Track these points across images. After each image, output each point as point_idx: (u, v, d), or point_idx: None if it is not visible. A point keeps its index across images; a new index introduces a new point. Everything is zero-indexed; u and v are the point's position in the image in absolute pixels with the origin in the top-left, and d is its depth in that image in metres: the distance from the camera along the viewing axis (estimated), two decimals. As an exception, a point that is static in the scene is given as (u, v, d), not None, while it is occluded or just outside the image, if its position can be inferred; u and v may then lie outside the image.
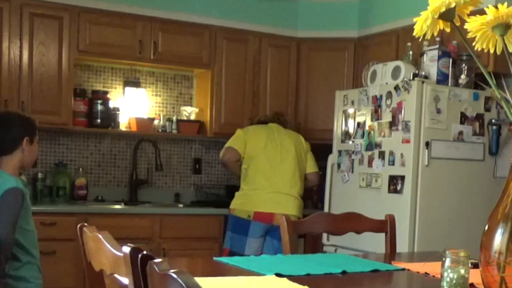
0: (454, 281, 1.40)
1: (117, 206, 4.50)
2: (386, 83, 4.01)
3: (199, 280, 1.02)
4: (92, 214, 4.22)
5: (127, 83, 4.92)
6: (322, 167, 5.16)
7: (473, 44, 1.41)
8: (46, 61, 4.33)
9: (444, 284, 1.41)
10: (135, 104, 4.90)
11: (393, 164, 3.84)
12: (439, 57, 3.85)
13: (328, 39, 5.07)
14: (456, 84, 3.88)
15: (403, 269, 2.06)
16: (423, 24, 1.39)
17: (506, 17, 1.35)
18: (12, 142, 2.89)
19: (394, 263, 2.16)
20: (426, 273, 1.97)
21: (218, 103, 4.84)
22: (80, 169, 4.70)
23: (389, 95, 3.90)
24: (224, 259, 2.13)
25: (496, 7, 1.34)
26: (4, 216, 2.74)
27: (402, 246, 3.44)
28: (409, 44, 4.19)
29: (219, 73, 4.88)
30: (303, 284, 1.64)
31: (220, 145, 4.80)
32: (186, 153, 5.15)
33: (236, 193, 4.36)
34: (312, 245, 4.63)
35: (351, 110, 4.27)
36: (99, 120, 4.63)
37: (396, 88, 3.85)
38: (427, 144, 3.73)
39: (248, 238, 4.18)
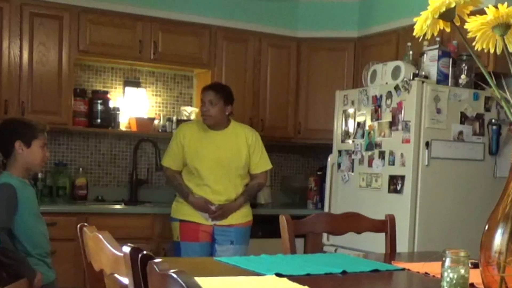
0: (454, 281, 1.40)
1: (117, 206, 4.50)
2: (386, 83, 4.02)
3: (199, 280, 1.02)
4: (92, 214, 4.22)
5: (127, 83, 4.92)
6: (322, 167, 5.17)
7: (473, 44, 1.41)
8: (46, 61, 4.33)
9: (444, 284, 1.41)
10: (135, 104, 4.90)
11: (393, 164, 3.84)
12: (439, 57, 3.85)
13: (328, 39, 5.07)
14: (456, 84, 3.88)
15: (403, 269, 2.06)
16: (423, 24, 1.40)
17: (506, 17, 1.35)
18: (4, 147, 3.06)
19: (394, 263, 2.16)
20: (426, 273, 1.97)
21: (218, 103, 4.83)
22: (80, 169, 4.70)
23: (389, 95, 3.90)
24: (224, 259, 2.13)
25: (496, 7, 1.34)
26: None
27: (402, 246, 3.44)
28: (409, 44, 4.19)
29: (219, 73, 4.88)
30: (303, 284, 1.64)
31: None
32: (186, 153, 5.14)
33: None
34: (312, 245, 4.63)
35: (351, 110, 4.27)
36: (99, 120, 4.63)
37: (396, 88, 3.85)
38: (427, 144, 3.73)
39: None
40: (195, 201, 3.96)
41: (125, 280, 1.29)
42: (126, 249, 1.25)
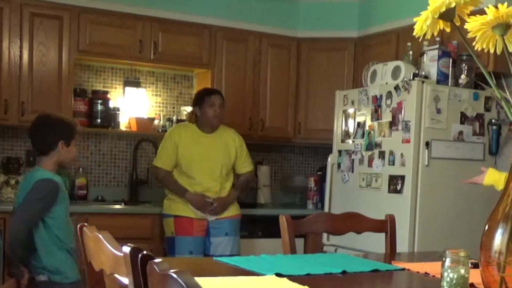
0: (454, 281, 1.40)
1: (117, 206, 4.50)
2: (386, 83, 4.02)
3: (199, 280, 1.02)
4: (92, 214, 4.21)
5: (127, 83, 4.92)
6: (322, 167, 5.17)
7: (473, 44, 1.41)
8: (46, 61, 4.33)
9: (444, 284, 1.41)
10: (135, 104, 4.90)
11: (393, 164, 3.84)
12: (439, 57, 3.85)
13: (328, 39, 5.07)
14: (456, 84, 3.88)
15: (403, 269, 2.06)
16: (423, 24, 1.40)
17: (506, 17, 1.35)
18: (48, 145, 3.13)
19: (394, 263, 2.16)
20: (426, 273, 1.97)
21: (218, 103, 4.83)
22: (80, 169, 4.70)
23: (389, 95, 3.90)
24: (224, 259, 2.13)
25: (496, 7, 1.34)
26: (26, 203, 2.98)
27: (402, 246, 3.44)
28: (409, 44, 4.19)
29: (219, 73, 4.88)
30: (303, 284, 1.64)
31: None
32: (186, 153, 5.13)
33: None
34: (312, 245, 4.63)
35: (351, 110, 4.27)
36: (99, 120, 4.63)
37: (396, 88, 3.85)
38: (427, 144, 3.73)
39: None
40: (193, 197, 4.10)
41: (125, 280, 1.29)
42: (126, 249, 1.25)
